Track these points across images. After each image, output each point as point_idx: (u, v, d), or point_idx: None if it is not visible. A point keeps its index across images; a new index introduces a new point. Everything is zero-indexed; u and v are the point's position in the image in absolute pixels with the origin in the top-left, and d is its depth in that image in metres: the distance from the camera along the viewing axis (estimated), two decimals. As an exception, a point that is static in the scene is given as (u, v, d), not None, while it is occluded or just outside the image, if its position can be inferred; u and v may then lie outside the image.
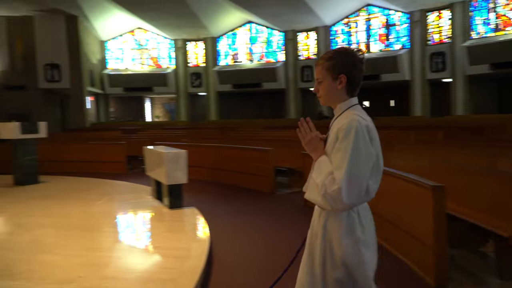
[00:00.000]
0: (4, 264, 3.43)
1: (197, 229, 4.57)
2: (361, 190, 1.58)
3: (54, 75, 18.55)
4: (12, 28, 18.68)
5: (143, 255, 3.73)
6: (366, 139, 1.61)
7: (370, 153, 1.61)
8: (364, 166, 1.59)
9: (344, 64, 1.70)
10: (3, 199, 6.53)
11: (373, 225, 1.76)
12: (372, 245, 1.70)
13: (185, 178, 5.28)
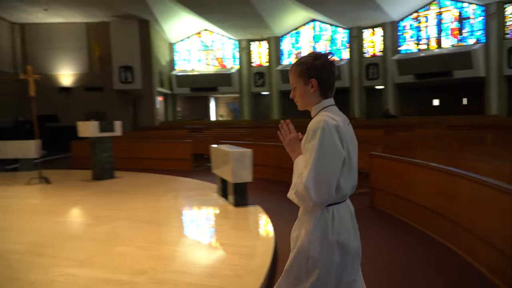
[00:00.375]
0: (85, 254, 3.71)
1: (261, 227, 4.63)
2: (330, 187, 1.62)
3: (128, 77, 19.72)
4: (91, 34, 20.13)
5: (208, 250, 3.84)
6: (333, 138, 1.64)
7: (337, 151, 1.64)
8: (330, 164, 1.62)
9: (314, 68, 1.77)
10: (84, 192, 7.06)
11: (353, 228, 1.76)
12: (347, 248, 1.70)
13: (250, 176, 5.36)
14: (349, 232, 1.73)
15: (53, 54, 20.17)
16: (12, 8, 17.97)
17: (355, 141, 1.80)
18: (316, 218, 1.70)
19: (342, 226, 1.71)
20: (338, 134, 1.66)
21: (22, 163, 10.30)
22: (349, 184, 1.72)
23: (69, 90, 20.13)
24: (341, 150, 1.65)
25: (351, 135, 1.77)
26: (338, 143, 1.65)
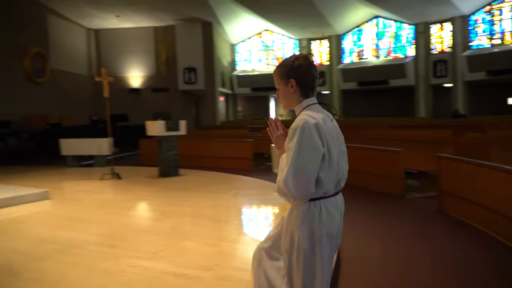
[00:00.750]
0: (153, 247, 3.91)
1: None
2: (308, 184, 1.71)
3: (191, 78, 20.41)
4: (158, 37, 21.09)
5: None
6: (312, 136, 1.72)
7: (316, 149, 1.72)
8: (309, 162, 1.71)
9: (292, 69, 1.87)
10: (151, 188, 7.43)
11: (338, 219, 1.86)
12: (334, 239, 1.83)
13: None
14: (334, 222, 1.84)
15: (124, 57, 21.41)
16: (89, 15, 19.33)
17: (339, 136, 1.89)
18: (303, 212, 1.81)
19: (329, 219, 1.82)
20: (318, 132, 1.74)
21: (96, 160, 11.06)
22: (331, 179, 1.80)
23: (138, 91, 21.24)
24: (320, 147, 1.73)
25: (334, 131, 1.86)
26: (317, 140, 1.73)
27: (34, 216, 5.44)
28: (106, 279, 3.11)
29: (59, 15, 19.06)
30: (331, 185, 1.82)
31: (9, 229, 4.75)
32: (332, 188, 1.82)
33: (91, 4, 17.79)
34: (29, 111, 16.64)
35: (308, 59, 1.90)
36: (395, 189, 6.67)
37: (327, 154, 1.77)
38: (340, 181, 1.87)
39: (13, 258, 3.66)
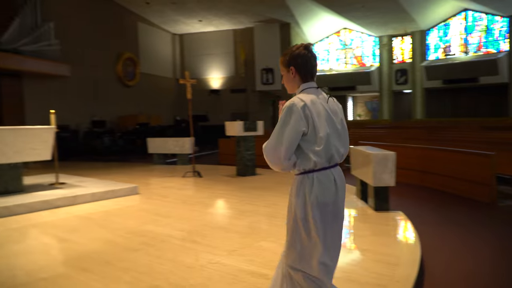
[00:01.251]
0: (232, 245, 4.03)
1: (405, 235, 4.38)
2: (284, 155, 1.97)
3: (268, 78, 20.65)
4: (237, 39, 21.67)
5: (347, 255, 3.78)
6: (296, 116, 1.95)
7: (296, 128, 1.95)
8: (285, 139, 1.95)
9: (292, 58, 2.08)
10: (229, 187, 7.66)
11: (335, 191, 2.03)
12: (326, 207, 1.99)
13: (393, 181, 5.11)
14: (328, 194, 2.01)
15: (205, 60, 22.31)
16: (174, 21, 20.46)
17: (335, 116, 2.07)
18: (298, 184, 2.05)
19: (321, 189, 2.00)
20: (303, 111, 1.96)
21: (179, 158, 11.66)
22: (318, 153, 1.98)
23: (218, 92, 22.01)
24: (300, 127, 1.96)
25: (328, 112, 2.04)
26: (299, 120, 1.96)
27: (125, 209, 5.89)
28: (189, 273, 3.26)
29: (148, 22, 20.41)
30: (321, 159, 2.00)
31: (103, 221, 5.19)
32: (323, 162, 2.01)
33: (177, 10, 18.80)
34: (121, 112, 18.06)
35: (307, 48, 2.10)
36: (485, 196, 6.15)
37: (313, 131, 1.99)
38: (333, 157, 2.03)
39: (107, 248, 3.99)
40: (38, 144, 6.64)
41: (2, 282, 3.16)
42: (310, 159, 1.99)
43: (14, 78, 13.78)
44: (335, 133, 2.04)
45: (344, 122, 2.12)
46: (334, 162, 2.05)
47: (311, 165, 2.00)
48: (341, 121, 2.10)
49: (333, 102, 2.11)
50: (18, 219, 5.33)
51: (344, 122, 2.12)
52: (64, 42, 15.01)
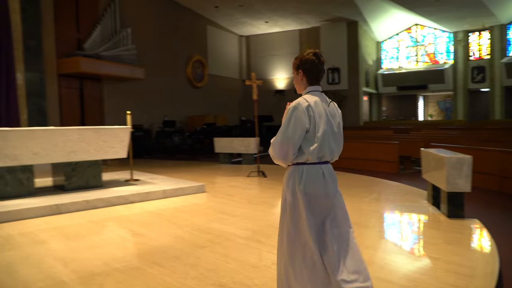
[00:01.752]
0: (297, 246, 4.02)
1: (481, 245, 4.09)
2: (289, 150, 2.18)
3: (335, 78, 20.31)
4: (302, 40, 21.57)
5: (417, 263, 3.62)
6: (298, 115, 2.17)
7: (301, 125, 2.16)
8: (291, 135, 2.16)
9: (301, 62, 2.32)
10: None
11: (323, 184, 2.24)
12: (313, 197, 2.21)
13: (469, 186, 4.79)
14: (316, 186, 2.23)
15: (270, 61, 22.48)
16: (241, 23, 20.85)
17: (334, 118, 2.29)
18: (290, 173, 2.29)
19: (309, 181, 2.22)
20: (307, 111, 2.18)
21: (244, 157, 11.87)
22: (312, 150, 2.20)
23: (283, 92, 22.06)
24: (304, 124, 2.18)
25: (328, 114, 2.25)
26: (304, 118, 2.17)
27: (192, 207, 6.12)
28: (253, 273, 3.32)
29: (216, 25, 21.01)
30: (313, 155, 2.21)
31: (173, 217, 5.44)
32: (314, 158, 2.22)
33: (244, 12, 19.14)
34: (190, 112, 18.78)
35: (316, 55, 2.32)
36: None
37: (313, 130, 2.20)
38: (325, 155, 2.24)
39: (176, 244, 4.18)
40: (116, 143, 7.12)
41: (82, 270, 3.43)
42: (303, 153, 2.22)
43: (95, 81, 14.89)
44: (331, 134, 2.26)
45: (340, 126, 2.34)
46: (325, 160, 2.27)
47: (304, 159, 2.24)
48: (338, 124, 2.32)
49: (334, 107, 2.35)
50: (97, 212, 5.76)
51: (340, 126, 2.34)
52: (140, 47, 15.95)
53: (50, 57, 13.34)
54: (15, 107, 11.81)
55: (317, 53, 2.33)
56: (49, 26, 13.29)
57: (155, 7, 17.40)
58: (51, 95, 13.37)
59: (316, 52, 2.33)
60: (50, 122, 13.13)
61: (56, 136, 6.40)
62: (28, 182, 6.29)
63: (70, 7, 13.98)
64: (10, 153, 5.96)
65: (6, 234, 4.64)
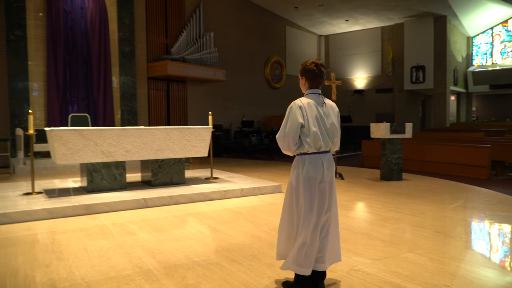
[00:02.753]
0: (375, 253, 3.90)
1: None
2: (290, 142, 2.80)
3: (419, 77, 19.24)
4: (384, 37, 20.76)
5: (510, 278, 3.32)
6: (293, 113, 2.79)
7: (296, 121, 2.77)
8: (289, 129, 2.79)
9: (304, 70, 2.92)
10: (371, 192, 7.42)
11: (313, 172, 2.79)
12: (313, 180, 2.79)
13: None
14: (317, 172, 2.79)
15: (349, 60, 21.96)
16: (321, 23, 20.66)
17: (327, 117, 2.85)
18: (295, 161, 2.89)
19: (310, 168, 2.79)
20: (300, 110, 2.78)
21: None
22: (309, 142, 2.78)
23: (362, 92, 21.44)
24: (298, 121, 2.76)
25: (319, 111, 2.82)
26: (298, 116, 2.76)
27: (269, 206, 6.21)
28: (330, 276, 3.29)
29: (295, 26, 21.05)
30: (310, 147, 2.80)
31: (250, 215, 5.58)
32: (312, 148, 2.80)
33: (324, 12, 18.93)
34: (268, 113, 19.05)
35: (317, 65, 2.88)
36: None
37: (307, 125, 2.77)
38: (321, 147, 2.80)
39: (253, 242, 4.29)
40: (198, 142, 7.47)
41: (166, 261, 3.67)
42: (304, 145, 2.82)
43: (180, 84, 15.74)
44: (324, 130, 2.83)
45: (335, 122, 2.89)
46: (323, 150, 2.83)
47: (304, 150, 2.83)
48: (331, 121, 2.88)
49: (330, 107, 2.92)
50: (180, 207, 6.10)
51: (335, 122, 2.89)
52: (221, 49, 16.55)
53: (141, 61, 14.37)
54: (110, 108, 12.91)
55: (317, 63, 2.89)
56: (141, 33, 14.33)
57: (237, 10, 17.91)
58: (141, 97, 14.40)
59: (317, 63, 2.90)
60: (139, 121, 14.16)
61: (145, 135, 6.89)
62: (120, 177, 6.86)
63: (160, 16, 14.96)
64: (106, 150, 6.55)
65: (101, 224, 5.11)
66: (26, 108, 11.59)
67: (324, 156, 2.83)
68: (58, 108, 11.98)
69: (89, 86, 12.55)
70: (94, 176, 6.62)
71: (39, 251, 4.01)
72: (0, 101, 11.86)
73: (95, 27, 12.55)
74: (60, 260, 3.73)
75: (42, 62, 11.92)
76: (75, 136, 6.29)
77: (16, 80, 11.50)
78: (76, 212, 5.57)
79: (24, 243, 4.32)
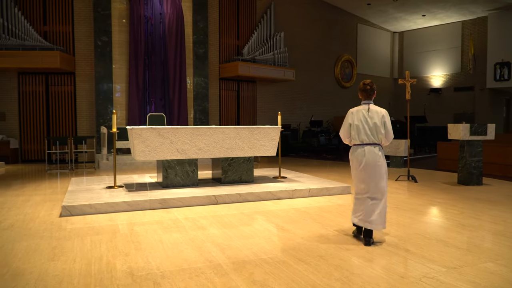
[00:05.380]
0: (451, 261, 3.70)
1: None
2: (344, 137, 4.38)
3: (504, 74, 17.74)
4: (465, 32, 19.41)
5: None
6: (347, 117, 4.34)
7: (346, 122, 4.32)
8: (343, 128, 4.36)
9: (360, 89, 4.39)
10: (448, 196, 7.00)
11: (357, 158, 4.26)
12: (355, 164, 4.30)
13: None
14: (359, 157, 4.22)
15: (426, 57, 20.86)
16: (395, 19, 19.88)
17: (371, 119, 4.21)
18: (350, 150, 4.36)
19: (355, 153, 4.26)
20: (351, 114, 4.27)
21: (392, 160, 11.33)
22: (357, 137, 4.23)
23: (439, 91, 20.26)
24: (347, 122, 4.30)
25: (364, 116, 4.23)
26: (348, 118, 4.29)
27: (337, 208, 6.13)
28: (401, 283, 3.18)
29: (368, 23, 20.49)
30: (355, 140, 4.24)
31: (317, 216, 5.55)
32: (357, 141, 4.22)
33: (399, 7, 18.19)
34: (337, 112, 18.74)
35: (366, 84, 4.32)
36: None
37: (354, 125, 4.22)
38: (364, 140, 4.19)
39: (321, 243, 4.27)
40: (267, 142, 7.59)
41: (235, 257, 3.78)
42: (352, 138, 4.30)
43: (250, 84, 16.05)
44: (367, 128, 4.20)
45: (377, 122, 4.19)
46: (366, 142, 4.20)
47: (353, 142, 4.30)
48: (374, 122, 4.19)
49: (374, 112, 4.23)
50: (248, 205, 6.24)
51: (377, 122, 4.19)
52: (291, 49, 16.59)
53: (214, 63, 14.89)
54: (185, 108, 13.53)
55: (366, 83, 4.35)
56: (214, 36, 14.84)
57: (307, 9, 17.83)
58: (213, 97, 14.91)
59: (365, 83, 4.35)
60: (211, 121, 14.67)
61: (216, 133, 7.15)
62: (193, 174, 7.18)
63: (232, 18, 15.39)
64: (180, 147, 6.90)
65: (174, 218, 5.40)
66: (110, 108, 12.55)
67: (367, 147, 4.21)
68: (138, 108, 12.81)
69: (166, 87, 13.26)
70: (169, 172, 7.00)
71: (120, 241, 4.35)
72: (88, 101, 12.98)
73: (172, 31, 13.23)
74: (138, 250, 4.02)
75: (125, 65, 12.83)
76: (153, 134, 6.70)
77: (101, 82, 12.50)
78: (153, 205, 5.94)
79: (107, 232, 4.70)
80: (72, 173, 10.23)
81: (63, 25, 12.80)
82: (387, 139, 4.23)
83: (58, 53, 11.88)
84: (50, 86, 12.90)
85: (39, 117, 12.82)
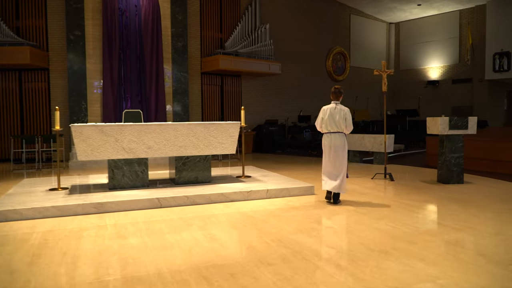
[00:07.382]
0: (386, 280, 3.13)
1: None
2: (318, 127, 5.99)
3: (503, 64, 16.92)
4: (463, 22, 18.59)
5: None
6: (320, 112, 5.96)
7: (319, 117, 5.96)
8: (317, 121, 6.01)
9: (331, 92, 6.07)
10: (421, 197, 6.38)
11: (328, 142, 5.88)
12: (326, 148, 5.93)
13: None
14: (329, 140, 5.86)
15: (423, 49, 20.08)
16: (390, 9, 19.12)
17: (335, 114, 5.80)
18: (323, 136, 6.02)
19: (325, 140, 5.93)
20: (323, 110, 5.93)
21: (376, 156, 10.69)
22: (327, 127, 5.85)
23: (436, 83, 19.47)
24: (320, 116, 5.95)
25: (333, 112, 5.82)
26: (321, 113, 5.95)
27: (289, 211, 5.54)
28: None
29: (361, 14, 19.74)
30: (324, 129, 5.89)
31: (261, 222, 4.98)
32: (326, 130, 5.88)
33: (390, -4, 17.44)
34: (327, 107, 17.99)
35: (335, 88, 6.05)
36: None
37: (325, 119, 5.85)
38: (330, 129, 5.83)
39: (243, 257, 3.72)
40: (225, 139, 7.03)
41: (130, 274, 3.25)
42: (323, 128, 5.91)
43: (234, 78, 15.47)
44: (332, 121, 5.78)
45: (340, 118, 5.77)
46: (331, 131, 5.81)
47: (324, 131, 5.90)
48: (338, 117, 5.76)
49: (339, 109, 5.81)
50: (193, 209, 5.67)
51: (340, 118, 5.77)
52: (277, 42, 15.94)
53: (195, 57, 14.33)
54: (162, 104, 13.00)
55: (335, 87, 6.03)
56: (195, 29, 14.27)
57: (295, 0, 17.14)
58: (195, 92, 14.37)
59: (335, 87, 6.03)
60: (192, 117, 14.13)
61: (167, 130, 6.60)
62: (143, 174, 6.65)
63: (215, 10, 14.80)
64: (127, 146, 6.37)
65: (102, 224, 4.87)
66: (84, 105, 12.08)
67: (333, 134, 5.80)
68: (113, 104, 12.31)
69: (142, 82, 12.75)
70: (115, 173, 6.48)
71: (19, 254, 3.81)
72: (63, 98, 12.52)
73: (148, 24, 12.68)
74: (30, 265, 3.49)
75: (99, 60, 12.32)
76: (95, 132, 6.18)
77: (74, 78, 12.02)
78: (86, 210, 5.42)
79: (14, 243, 4.18)
80: (39, 173, 9.78)
81: (36, 19, 12.34)
82: (347, 129, 5.82)
83: (28, 49, 11.42)
84: (24, 83, 12.46)
85: (12, 115, 12.39)
